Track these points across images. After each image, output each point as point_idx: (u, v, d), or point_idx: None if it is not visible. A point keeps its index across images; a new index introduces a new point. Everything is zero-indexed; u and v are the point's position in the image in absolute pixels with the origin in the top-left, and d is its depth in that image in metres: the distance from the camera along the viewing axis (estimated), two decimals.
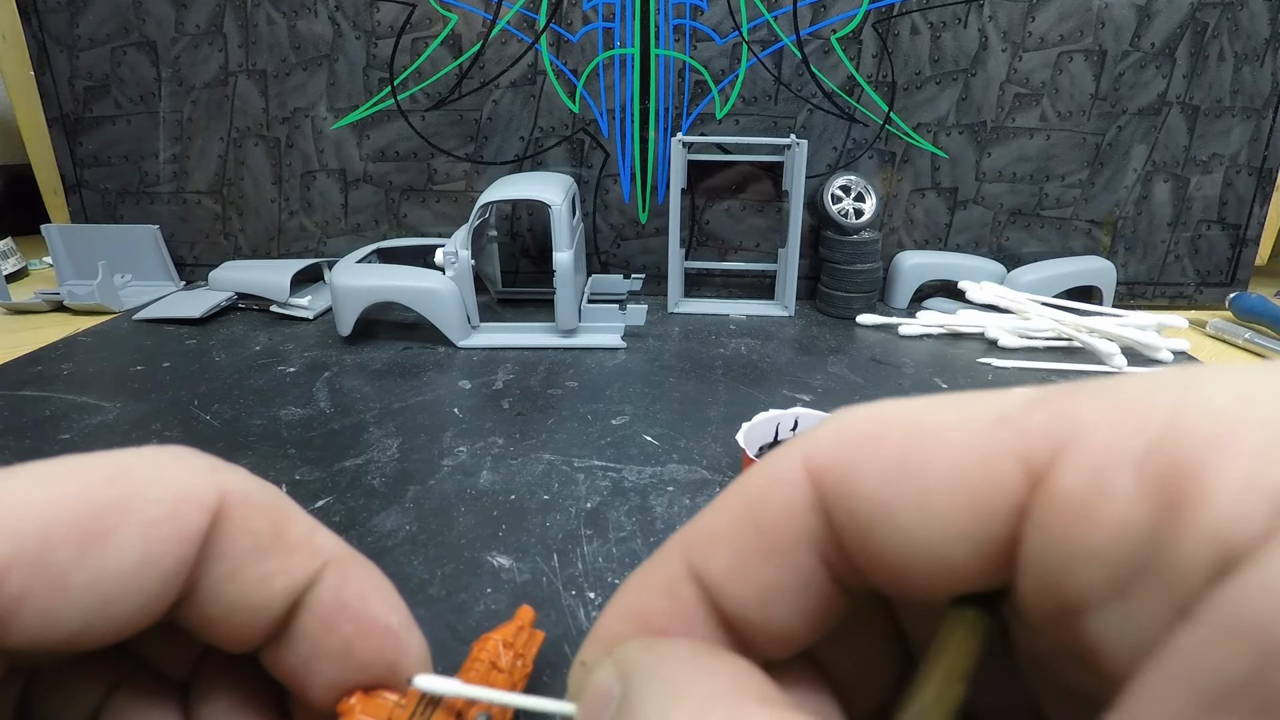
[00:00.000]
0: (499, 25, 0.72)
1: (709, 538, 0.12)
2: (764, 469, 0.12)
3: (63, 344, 0.63)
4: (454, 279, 0.61)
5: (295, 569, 0.15)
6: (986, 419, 0.10)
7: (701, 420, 0.49)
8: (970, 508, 0.10)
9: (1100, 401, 0.09)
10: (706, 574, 0.12)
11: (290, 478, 0.42)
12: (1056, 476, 0.09)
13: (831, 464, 0.11)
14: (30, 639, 0.12)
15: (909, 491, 0.10)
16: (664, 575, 0.12)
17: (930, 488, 0.10)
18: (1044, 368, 0.58)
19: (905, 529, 0.10)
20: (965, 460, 0.10)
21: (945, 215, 0.76)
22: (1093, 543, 0.09)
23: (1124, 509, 0.08)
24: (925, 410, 0.11)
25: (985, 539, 0.10)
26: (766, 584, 0.11)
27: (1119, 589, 0.08)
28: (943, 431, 0.10)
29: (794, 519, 0.11)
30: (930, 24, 0.70)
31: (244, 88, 0.76)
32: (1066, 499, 0.09)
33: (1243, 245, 0.77)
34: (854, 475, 0.11)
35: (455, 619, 0.31)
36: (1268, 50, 0.70)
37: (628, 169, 0.75)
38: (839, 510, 0.11)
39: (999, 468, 0.10)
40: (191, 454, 0.15)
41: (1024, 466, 0.09)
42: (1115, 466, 0.09)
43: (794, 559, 0.11)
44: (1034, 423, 0.10)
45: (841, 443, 0.11)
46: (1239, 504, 0.08)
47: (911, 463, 0.10)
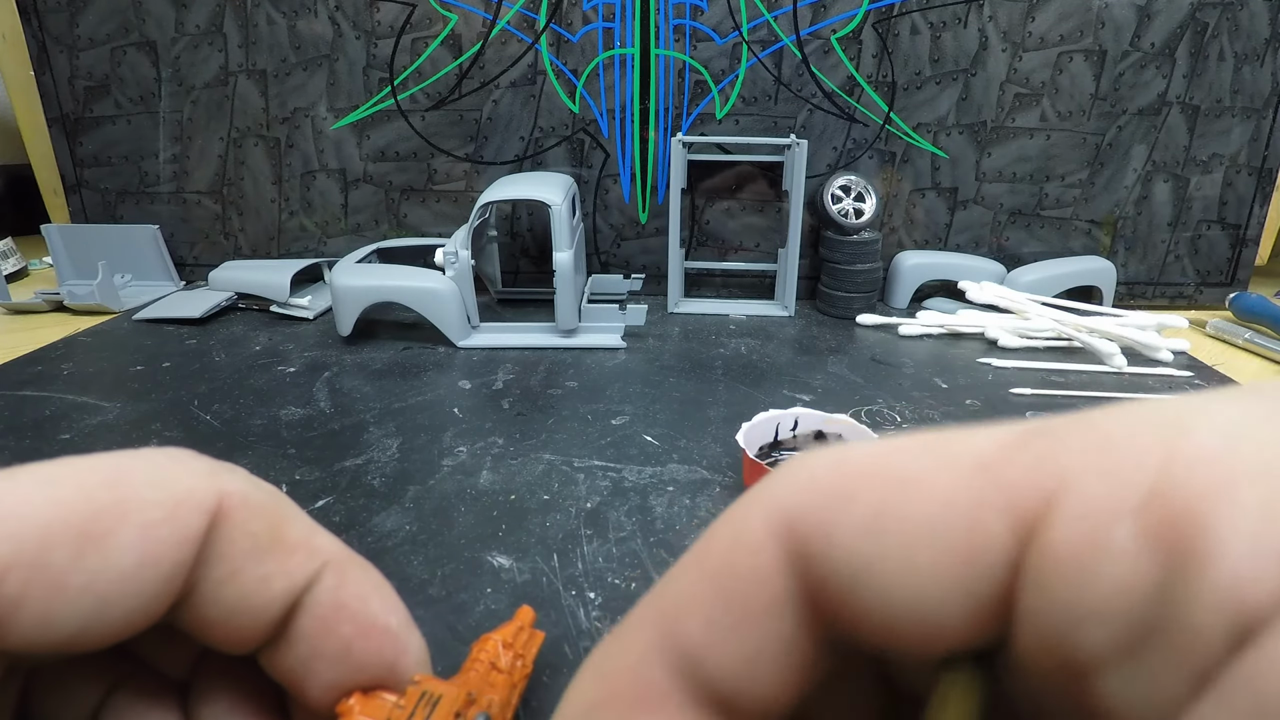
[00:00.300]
0: (499, 25, 0.72)
1: (683, 599, 0.11)
2: (733, 521, 0.11)
3: (63, 344, 0.63)
4: (454, 279, 0.61)
5: (294, 570, 0.15)
6: (963, 465, 0.10)
7: (701, 420, 0.49)
8: (958, 565, 0.09)
9: (1084, 445, 0.09)
10: (683, 638, 0.11)
11: (290, 478, 0.42)
12: (1050, 531, 0.09)
13: (802, 518, 0.10)
14: (29, 640, 0.12)
15: (890, 548, 0.09)
16: (640, 638, 0.12)
17: (913, 543, 0.09)
18: (1044, 367, 0.58)
19: (889, 589, 0.09)
20: (948, 512, 0.09)
21: (945, 215, 0.76)
22: (1096, 602, 0.08)
23: (1126, 565, 0.08)
24: (896, 455, 0.10)
25: (976, 597, 0.09)
26: (745, 651, 0.11)
27: (1128, 651, 0.08)
28: (917, 480, 0.10)
29: (768, 581, 0.10)
30: (930, 24, 0.70)
31: (244, 88, 0.76)
32: (1063, 555, 0.08)
33: (1243, 245, 0.77)
34: (830, 528, 0.10)
35: (455, 619, 0.31)
36: (1268, 50, 0.70)
37: (628, 169, 0.75)
38: (813, 570, 0.10)
39: (985, 521, 0.09)
40: (190, 456, 0.15)
41: (1011, 520, 0.09)
42: (1112, 519, 0.08)
43: (771, 624, 0.11)
44: (1017, 471, 0.09)
45: (810, 494, 0.10)
46: (1251, 564, 0.07)
47: (889, 516, 0.10)
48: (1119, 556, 0.08)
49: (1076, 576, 0.08)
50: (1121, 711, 0.08)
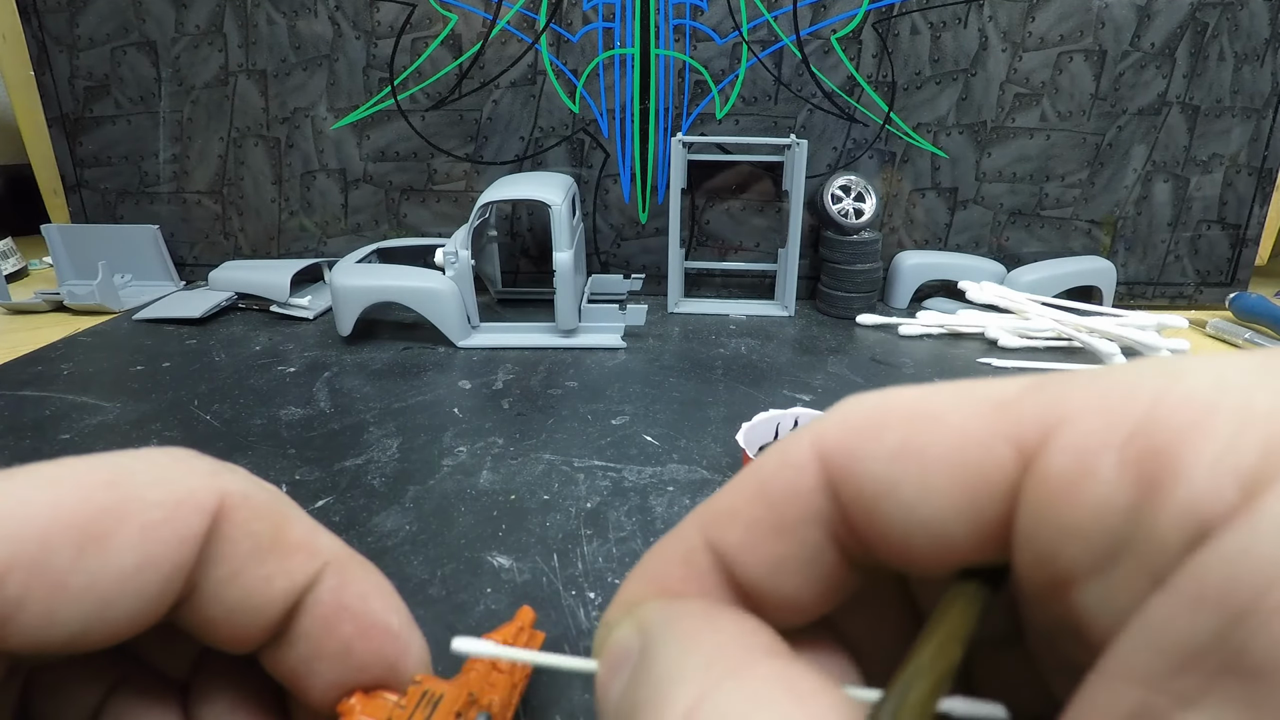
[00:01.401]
0: (499, 25, 0.72)
1: (724, 513, 0.13)
2: (777, 452, 0.13)
3: (63, 344, 0.63)
4: (454, 279, 0.61)
5: (295, 570, 0.15)
6: (984, 404, 0.11)
7: (701, 420, 0.49)
8: (967, 487, 0.10)
9: (1089, 388, 0.10)
10: (721, 546, 0.12)
11: (290, 478, 0.42)
12: (1045, 458, 0.10)
13: (838, 447, 0.12)
14: (29, 641, 0.12)
15: (910, 472, 0.11)
16: (682, 545, 0.13)
17: (930, 468, 0.11)
18: (1044, 367, 0.58)
19: (907, 507, 0.11)
20: (963, 443, 0.10)
21: (945, 215, 0.76)
22: (1077, 520, 0.09)
23: (1106, 488, 0.09)
24: (926, 396, 0.11)
25: (981, 517, 0.10)
26: (777, 557, 0.12)
27: (1102, 563, 0.09)
28: (942, 416, 0.11)
29: (803, 498, 0.12)
30: (930, 24, 0.70)
31: (244, 88, 0.76)
32: (1054, 479, 0.09)
33: (1243, 245, 0.77)
34: (859, 457, 0.11)
35: (455, 619, 0.31)
36: (1268, 50, 0.70)
37: (628, 169, 0.75)
38: (845, 490, 0.11)
39: (994, 450, 0.10)
40: (191, 456, 0.15)
41: (1016, 449, 0.10)
42: (1099, 449, 0.09)
43: (802, 535, 0.12)
44: (1027, 408, 0.10)
45: (848, 427, 0.12)
46: (1211, 481, 0.08)
47: (913, 445, 0.11)
48: (1101, 481, 0.09)
49: (1064, 499, 0.09)
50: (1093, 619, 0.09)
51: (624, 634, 0.12)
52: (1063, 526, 0.09)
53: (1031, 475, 0.10)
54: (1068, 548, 0.09)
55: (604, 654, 0.13)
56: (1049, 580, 0.10)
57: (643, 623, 0.12)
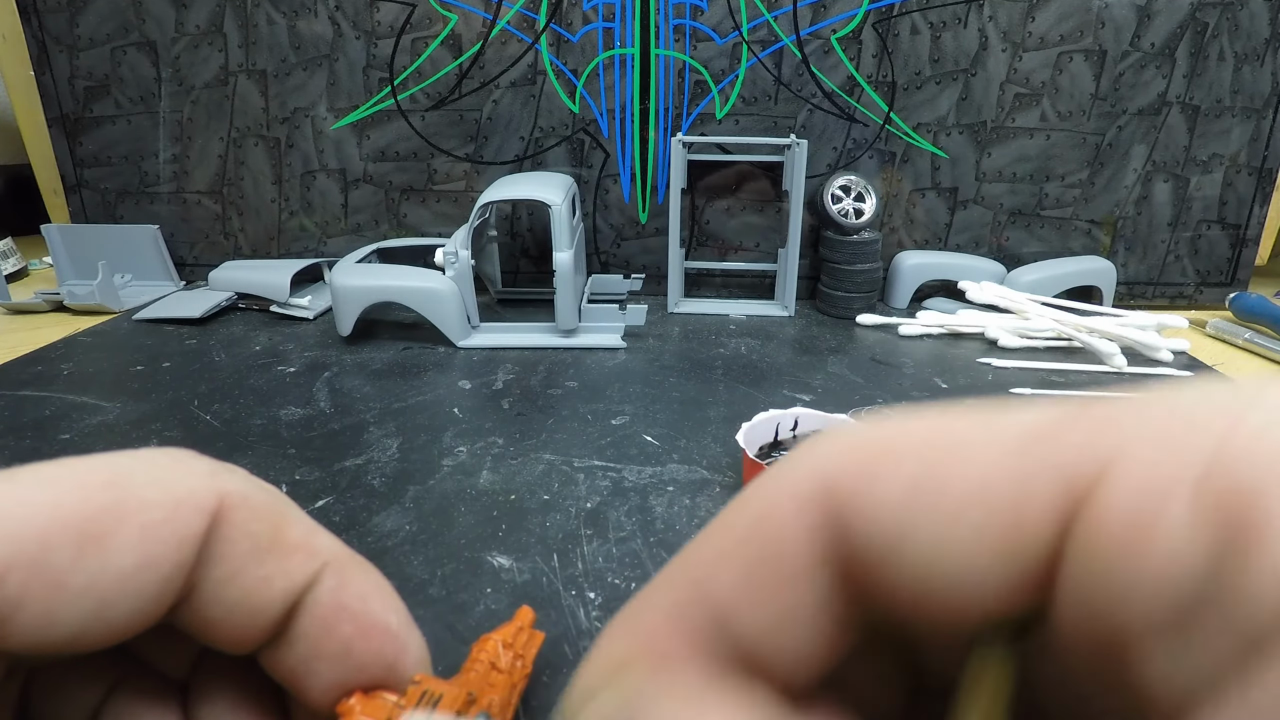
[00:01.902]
0: (499, 25, 0.72)
1: (715, 559, 0.11)
2: (770, 483, 0.11)
3: (63, 344, 0.63)
4: (454, 279, 0.61)
5: (294, 571, 0.15)
6: (1013, 434, 0.09)
7: (701, 420, 0.49)
8: (1002, 531, 0.09)
9: (1144, 417, 0.09)
10: (714, 596, 0.11)
11: (290, 478, 0.42)
12: (1102, 498, 0.08)
13: (843, 480, 0.10)
14: (29, 640, 0.12)
15: (931, 512, 0.09)
16: (670, 595, 0.11)
17: (956, 508, 0.09)
18: (1044, 367, 0.58)
19: (928, 554, 0.09)
20: (995, 478, 0.09)
21: (945, 215, 0.76)
22: (1146, 574, 0.08)
23: (1180, 538, 0.08)
24: (945, 423, 0.10)
25: (1019, 566, 0.09)
26: (777, 610, 0.10)
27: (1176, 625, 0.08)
28: (968, 446, 0.09)
29: (803, 540, 0.10)
30: (930, 24, 0.70)
31: (244, 88, 0.76)
32: (1114, 524, 0.08)
33: (1243, 245, 0.77)
34: (869, 493, 0.10)
35: (455, 619, 0.31)
36: (1268, 50, 0.70)
37: (628, 169, 0.75)
38: (853, 530, 0.10)
39: (1035, 486, 0.09)
40: (190, 456, 0.15)
41: (1064, 485, 0.09)
42: (1168, 490, 0.08)
43: (805, 583, 0.10)
44: (1070, 440, 0.09)
45: (854, 457, 0.10)
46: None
47: (933, 480, 0.09)
48: (1172, 529, 0.08)
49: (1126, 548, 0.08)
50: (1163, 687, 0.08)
51: (607, 706, 0.11)
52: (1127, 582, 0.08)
53: (1085, 519, 0.08)
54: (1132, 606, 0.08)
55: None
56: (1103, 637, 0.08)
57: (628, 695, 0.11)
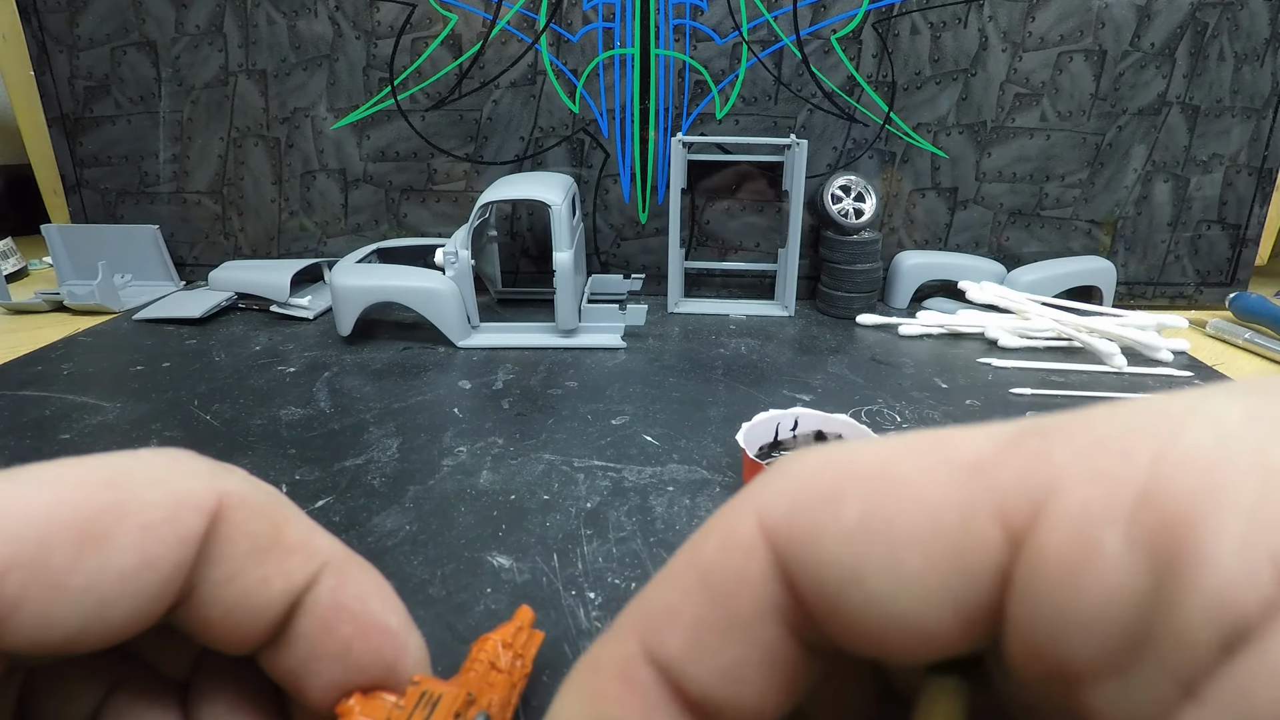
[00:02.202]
0: (499, 25, 0.72)
1: (663, 614, 0.11)
2: (715, 533, 0.11)
3: (63, 344, 0.63)
4: (454, 279, 0.61)
5: (293, 571, 0.15)
6: (954, 468, 0.09)
7: (701, 420, 0.49)
8: (947, 572, 0.09)
9: (1076, 447, 0.09)
10: (663, 654, 0.11)
11: (290, 478, 0.42)
12: (1039, 537, 0.08)
13: (789, 526, 0.10)
14: (28, 641, 0.12)
15: (878, 555, 0.09)
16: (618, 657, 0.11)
17: (901, 550, 0.09)
18: (1044, 367, 0.58)
19: (877, 597, 0.09)
20: (938, 518, 0.09)
21: (945, 215, 0.76)
22: (1085, 610, 0.08)
23: (1115, 572, 0.08)
24: (887, 458, 0.10)
25: (966, 605, 0.09)
26: (730, 662, 0.10)
27: (1118, 661, 0.08)
28: (910, 483, 0.09)
29: (752, 589, 0.10)
30: (930, 24, 0.70)
31: (244, 88, 0.76)
32: (1052, 562, 0.08)
33: (1243, 245, 0.77)
34: (814, 538, 0.10)
35: (455, 619, 0.31)
36: (1268, 50, 0.70)
37: (628, 169, 0.75)
38: (801, 577, 0.10)
39: (976, 526, 0.09)
40: (190, 457, 0.15)
41: (1003, 525, 0.09)
42: (1101, 524, 0.08)
43: (757, 633, 0.10)
44: (1008, 474, 0.09)
45: (799, 498, 0.10)
46: (1240, 567, 0.07)
47: (878, 521, 0.09)
48: (1108, 563, 0.08)
49: (1065, 584, 0.08)
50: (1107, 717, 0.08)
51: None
52: (1068, 617, 0.08)
53: (1024, 557, 0.09)
54: (1074, 642, 0.08)
55: None
56: (1050, 674, 0.09)
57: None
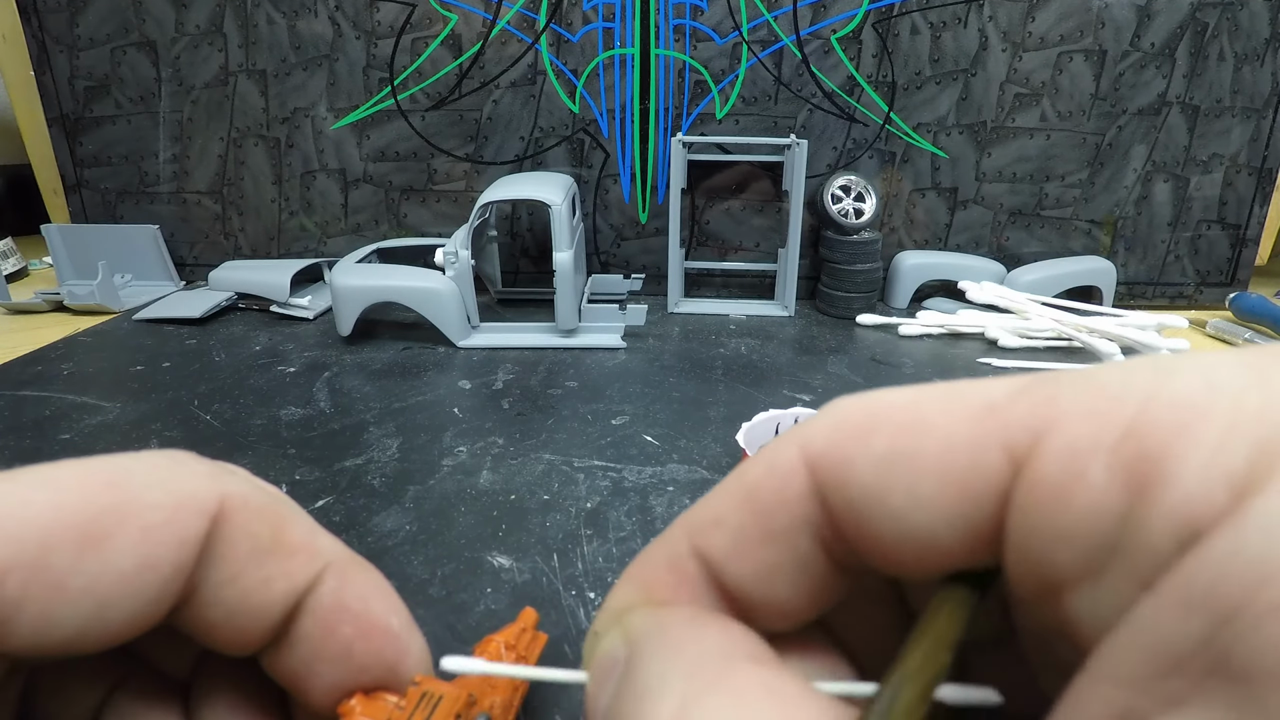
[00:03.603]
0: (499, 25, 0.72)
1: (711, 520, 0.13)
2: (764, 457, 0.12)
3: (63, 344, 0.63)
4: (454, 279, 0.61)
5: (295, 572, 0.15)
6: (973, 407, 0.11)
7: (701, 420, 0.49)
8: (957, 493, 0.10)
9: (1079, 390, 0.10)
10: (708, 553, 0.12)
11: (290, 478, 0.42)
12: (1035, 463, 0.10)
13: (826, 453, 0.11)
14: (28, 642, 0.12)
15: (900, 479, 0.11)
16: (669, 552, 0.13)
17: (920, 475, 0.10)
18: (1044, 367, 0.58)
19: (897, 514, 0.11)
20: (953, 448, 0.10)
21: (945, 215, 0.76)
22: (1068, 525, 0.09)
23: (1097, 493, 0.09)
24: (915, 399, 0.11)
25: (972, 523, 0.10)
26: (765, 564, 0.12)
27: (1092, 568, 0.09)
28: (932, 420, 0.11)
29: (791, 505, 0.12)
30: (930, 24, 0.70)
31: (244, 88, 0.75)
32: (1044, 484, 0.09)
33: (1243, 245, 0.77)
34: (848, 464, 0.11)
35: (455, 619, 0.31)
36: (1268, 50, 0.70)
37: (628, 169, 0.75)
38: (834, 497, 0.11)
39: (984, 455, 0.10)
40: (191, 458, 0.15)
41: (1007, 454, 0.10)
42: (1089, 453, 0.09)
43: (791, 542, 0.12)
44: (1017, 411, 0.10)
45: (836, 432, 0.12)
46: (1201, 484, 0.08)
47: (902, 451, 0.11)
48: (1091, 485, 0.09)
49: (1054, 504, 0.09)
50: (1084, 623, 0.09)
51: (610, 643, 0.13)
52: (1053, 532, 0.09)
53: (1022, 480, 0.10)
54: (1058, 553, 0.09)
55: (592, 664, 0.13)
56: (1040, 584, 0.10)
57: (629, 632, 0.12)
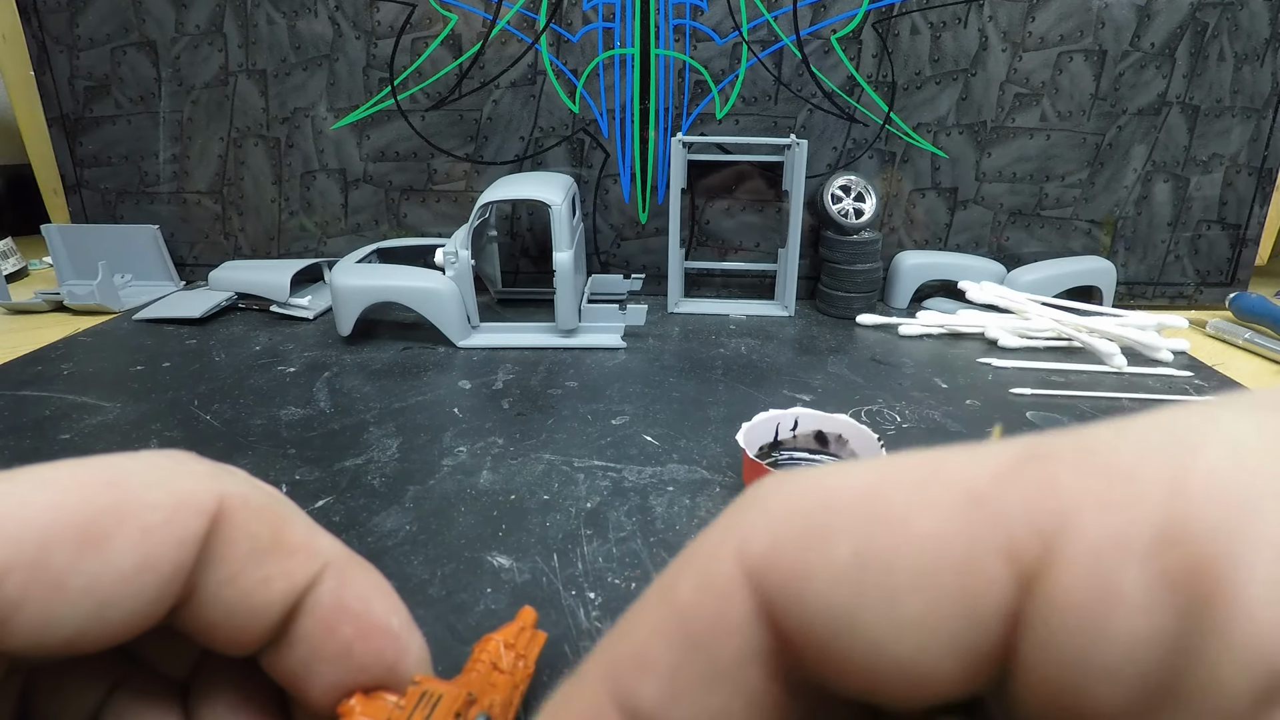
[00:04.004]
0: (499, 25, 0.72)
1: (635, 662, 0.10)
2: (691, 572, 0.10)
3: (63, 344, 0.63)
4: (454, 279, 0.61)
5: (294, 572, 0.15)
6: (954, 497, 0.09)
7: (701, 420, 0.49)
8: (951, 615, 0.08)
9: (1083, 473, 0.08)
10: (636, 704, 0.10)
11: (290, 478, 0.42)
12: (1053, 578, 0.08)
13: (772, 562, 0.09)
14: (28, 642, 0.12)
15: (874, 597, 0.09)
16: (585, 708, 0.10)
17: (900, 592, 0.09)
18: (1044, 367, 0.58)
19: (873, 641, 0.09)
20: (939, 556, 0.09)
21: (945, 215, 0.76)
22: (1107, 657, 0.08)
23: (1139, 616, 0.07)
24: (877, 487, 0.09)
25: (971, 649, 0.08)
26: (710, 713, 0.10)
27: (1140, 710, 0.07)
28: (905, 516, 0.09)
29: (734, 634, 0.09)
30: (930, 24, 0.70)
31: (244, 88, 0.76)
32: (1069, 605, 0.08)
33: (1243, 245, 0.77)
34: (802, 576, 0.09)
35: (455, 619, 0.31)
36: (1268, 50, 0.70)
37: (628, 169, 0.75)
38: (788, 620, 0.09)
39: (982, 565, 0.08)
40: (191, 458, 0.15)
41: (1011, 565, 0.08)
42: (1120, 564, 0.08)
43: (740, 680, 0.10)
44: (1010, 503, 0.08)
45: (782, 534, 0.09)
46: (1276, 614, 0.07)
47: (873, 560, 0.09)
48: (1130, 605, 0.07)
49: (1084, 628, 0.08)
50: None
51: None
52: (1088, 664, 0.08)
53: (1036, 599, 0.08)
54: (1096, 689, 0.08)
55: None
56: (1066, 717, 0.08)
57: None
